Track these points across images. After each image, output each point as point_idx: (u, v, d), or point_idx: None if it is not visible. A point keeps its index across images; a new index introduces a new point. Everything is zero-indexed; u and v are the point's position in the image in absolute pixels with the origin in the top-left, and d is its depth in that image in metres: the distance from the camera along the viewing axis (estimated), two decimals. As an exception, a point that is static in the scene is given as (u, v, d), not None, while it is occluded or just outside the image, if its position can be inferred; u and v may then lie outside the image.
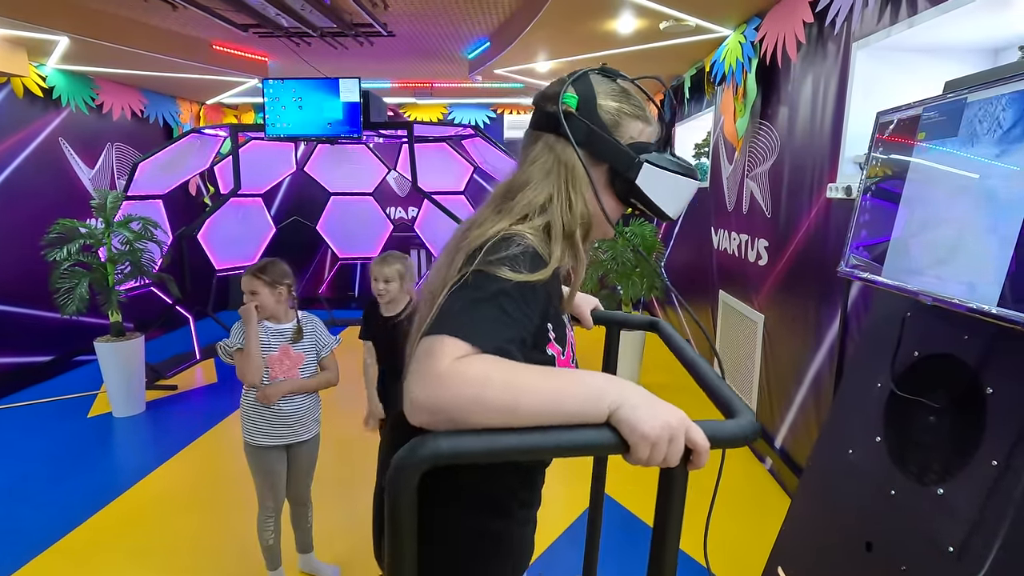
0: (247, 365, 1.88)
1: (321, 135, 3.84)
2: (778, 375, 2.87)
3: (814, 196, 2.50)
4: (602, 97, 0.77)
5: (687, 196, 0.81)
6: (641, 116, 0.80)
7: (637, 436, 0.56)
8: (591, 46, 3.77)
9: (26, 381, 4.15)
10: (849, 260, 1.34)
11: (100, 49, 3.73)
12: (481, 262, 0.66)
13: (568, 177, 0.76)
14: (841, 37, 2.28)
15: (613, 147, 0.76)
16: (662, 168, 0.77)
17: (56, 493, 2.75)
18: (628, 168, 0.76)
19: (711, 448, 0.60)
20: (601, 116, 0.76)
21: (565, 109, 0.75)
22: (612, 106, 0.77)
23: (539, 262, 0.70)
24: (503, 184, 0.81)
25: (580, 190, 0.76)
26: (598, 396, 0.58)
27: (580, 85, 0.77)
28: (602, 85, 0.78)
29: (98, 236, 3.55)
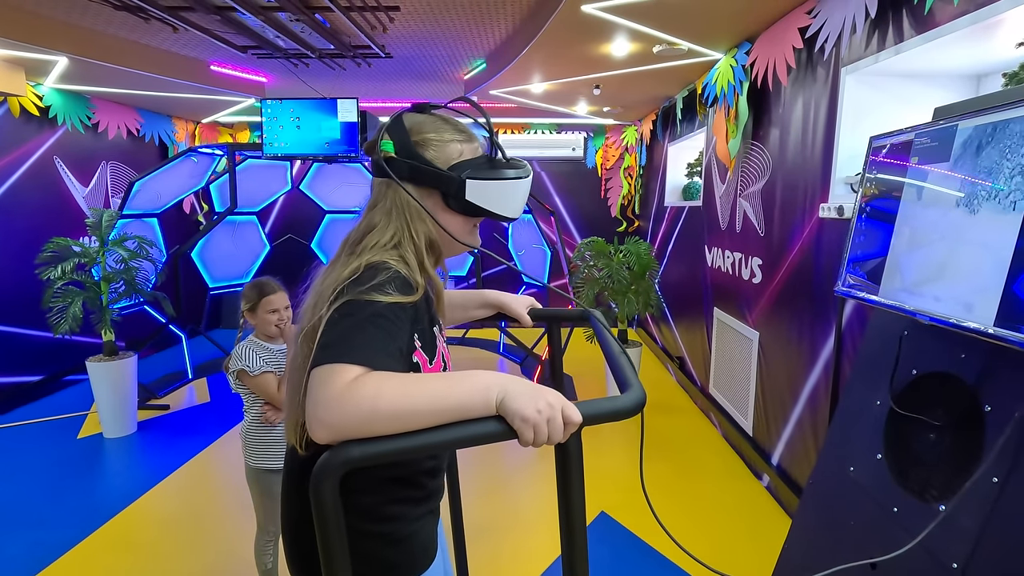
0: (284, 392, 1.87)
1: (319, 154, 3.87)
2: (774, 392, 2.89)
3: (807, 215, 2.55)
4: (415, 134, 0.86)
5: (521, 195, 0.89)
6: (458, 139, 0.87)
7: (519, 421, 0.63)
8: (586, 68, 3.84)
9: (15, 401, 4.09)
10: (846, 280, 1.37)
11: (98, 69, 3.75)
12: (351, 293, 0.74)
13: (406, 213, 0.85)
14: (830, 62, 2.35)
15: (435, 175, 0.85)
16: (485, 179, 0.85)
17: (46, 516, 2.69)
18: (455, 188, 0.84)
19: (598, 422, 0.68)
20: (419, 151, 0.85)
21: (385, 156, 0.85)
22: (427, 138, 0.86)
23: (406, 285, 0.80)
24: (351, 233, 0.89)
25: (421, 221, 0.85)
26: (484, 389, 0.66)
27: (394, 130, 0.86)
28: (415, 122, 0.87)
29: (92, 255, 3.53)
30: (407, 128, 0.86)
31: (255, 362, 1.87)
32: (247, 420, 1.95)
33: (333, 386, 0.65)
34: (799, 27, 2.48)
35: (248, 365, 1.86)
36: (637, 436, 3.67)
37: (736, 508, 2.76)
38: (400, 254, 0.83)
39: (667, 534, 0.98)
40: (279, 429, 1.91)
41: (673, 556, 2.36)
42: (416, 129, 0.86)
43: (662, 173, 5.32)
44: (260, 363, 1.87)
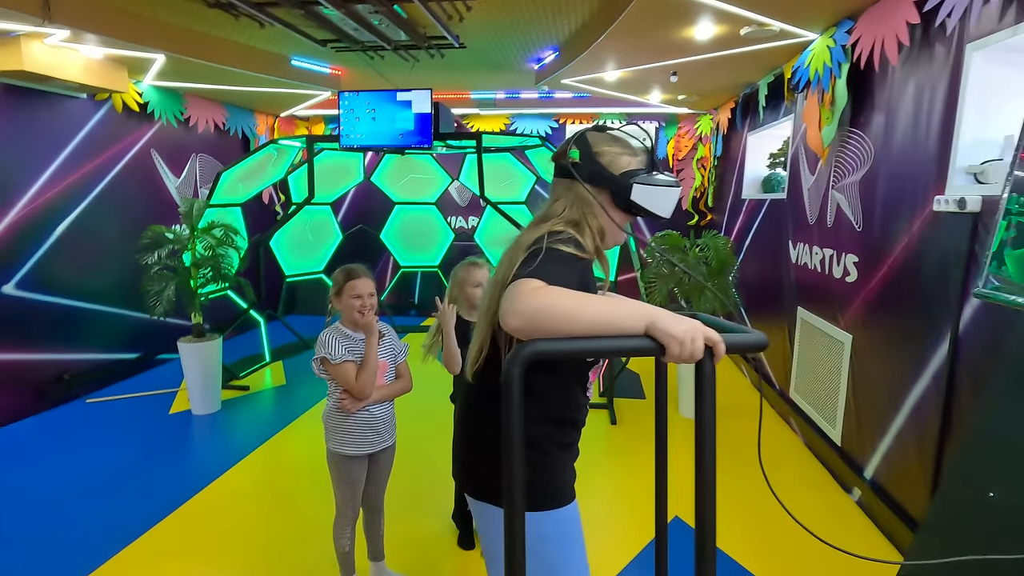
0: (368, 377, 1.89)
1: (393, 145, 3.92)
2: (869, 400, 2.67)
3: (917, 209, 2.32)
4: (596, 146, 1.11)
5: (672, 200, 1.11)
6: (627, 152, 1.11)
7: (669, 337, 0.80)
8: (664, 54, 3.68)
9: (115, 376, 4.42)
10: (989, 279, 1.21)
11: (191, 66, 3.96)
12: (542, 244, 1.01)
13: (583, 206, 1.11)
14: (952, 38, 2.11)
15: (610, 178, 1.09)
16: (648, 185, 1.08)
17: (144, 486, 2.89)
18: (624, 189, 1.09)
19: (728, 352, 0.84)
20: (598, 159, 1.10)
21: (572, 161, 1.11)
22: (604, 151, 1.11)
23: (580, 248, 1.06)
24: (536, 215, 1.16)
25: (593, 212, 1.11)
26: (639, 313, 0.84)
27: (580, 142, 1.11)
28: (595, 138, 1.12)
29: (184, 241, 3.75)
30: (589, 141, 1.11)
31: (337, 350, 1.88)
32: (328, 405, 1.99)
33: (525, 287, 0.88)
34: (915, 0, 2.24)
35: (330, 353, 1.89)
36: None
37: (823, 522, 2.58)
38: (578, 231, 1.09)
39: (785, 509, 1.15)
40: (359, 416, 1.94)
41: (745, 560, 2.23)
42: (595, 142, 1.11)
43: (740, 164, 5.05)
44: (342, 351, 1.88)
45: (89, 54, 3.62)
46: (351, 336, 1.94)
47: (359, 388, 1.88)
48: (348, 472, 1.98)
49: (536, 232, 1.06)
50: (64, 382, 3.99)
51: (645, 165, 1.11)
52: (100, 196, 4.30)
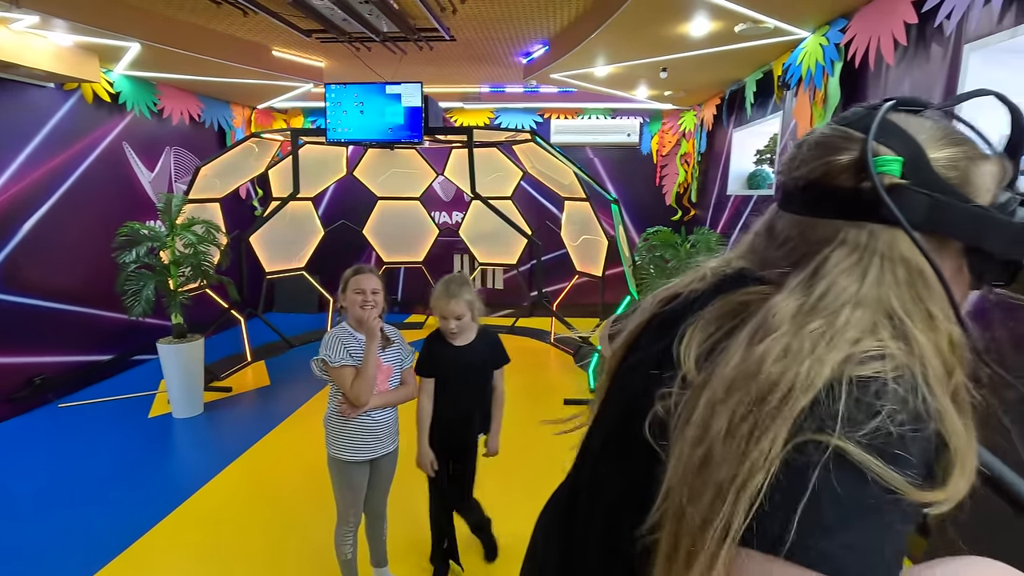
0: (363, 384, 1.82)
1: (382, 140, 3.83)
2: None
3: (912, 207, 2.35)
4: (933, 145, 0.50)
5: None
6: (986, 155, 0.52)
7: None
8: (655, 50, 3.68)
9: (89, 379, 4.24)
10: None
11: (166, 55, 3.79)
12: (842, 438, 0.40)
13: (915, 282, 0.48)
14: (950, 39, 2.14)
15: (975, 216, 0.50)
16: None
17: (127, 495, 2.77)
18: (1011, 243, 0.50)
19: None
20: (943, 175, 0.49)
21: (890, 180, 0.48)
22: (952, 154, 0.50)
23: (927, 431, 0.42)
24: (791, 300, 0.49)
25: (939, 301, 0.48)
26: None
27: (893, 136, 0.50)
28: (921, 123, 0.51)
29: (162, 239, 3.60)
30: (916, 138, 0.50)
31: (338, 352, 1.84)
32: (329, 408, 1.94)
33: None
34: (913, 0, 2.27)
35: (330, 355, 1.84)
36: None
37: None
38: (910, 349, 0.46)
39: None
40: (359, 421, 1.89)
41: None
42: (931, 138, 0.50)
43: (725, 160, 5.10)
44: (342, 354, 1.84)
45: (58, 41, 3.43)
46: (355, 337, 1.89)
47: (354, 394, 1.82)
48: (348, 478, 1.93)
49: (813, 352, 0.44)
50: (35, 386, 3.81)
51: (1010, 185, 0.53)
52: (70, 191, 4.10)
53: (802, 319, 0.47)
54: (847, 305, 0.47)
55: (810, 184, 0.54)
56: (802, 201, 0.55)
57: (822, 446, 0.40)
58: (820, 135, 0.54)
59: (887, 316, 0.47)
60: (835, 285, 0.48)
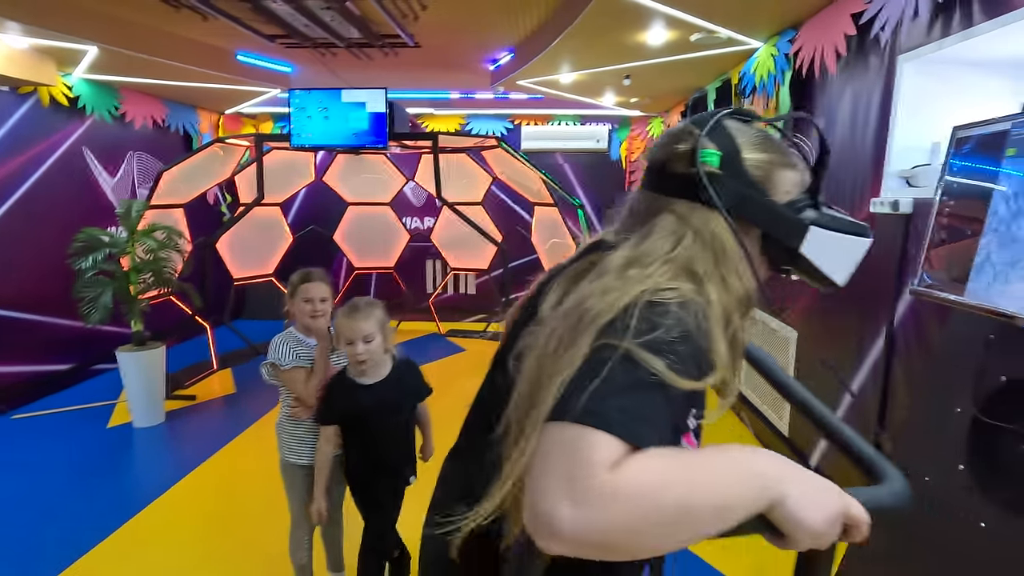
0: (315, 385, 1.79)
1: (346, 145, 3.83)
2: (814, 392, 2.80)
3: (855, 211, 2.45)
4: (748, 148, 0.64)
5: (859, 258, 0.69)
6: (790, 164, 0.67)
7: (801, 535, 0.51)
8: (618, 57, 3.75)
9: (46, 389, 4.13)
10: (922, 278, 1.29)
11: (127, 59, 3.74)
12: (630, 341, 0.52)
13: (716, 251, 0.62)
14: (886, 50, 2.24)
15: (770, 209, 0.64)
16: (832, 230, 0.65)
17: (81, 506, 2.71)
18: (789, 234, 0.65)
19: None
20: (753, 174, 0.64)
21: (707, 170, 0.62)
22: (761, 158, 0.64)
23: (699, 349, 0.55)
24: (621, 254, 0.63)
25: (734, 267, 0.62)
26: (760, 493, 0.50)
27: (718, 136, 0.64)
28: (744, 131, 0.66)
29: (122, 245, 3.54)
30: (736, 139, 0.64)
31: (287, 356, 1.83)
32: (281, 414, 1.93)
33: (595, 473, 0.46)
34: (852, 12, 2.37)
35: (279, 358, 1.83)
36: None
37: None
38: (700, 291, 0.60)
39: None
40: (311, 424, 1.86)
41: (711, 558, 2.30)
42: (748, 144, 0.65)
43: (690, 166, 5.21)
44: (291, 357, 1.82)
45: (12, 43, 3.36)
46: (303, 341, 1.88)
47: (306, 394, 1.80)
48: (301, 482, 1.91)
49: (623, 289, 0.57)
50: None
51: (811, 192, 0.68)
52: (26, 197, 4.00)
53: (624, 267, 0.61)
54: (658, 260, 0.61)
55: (658, 166, 0.68)
56: (651, 179, 0.70)
57: (613, 347, 0.52)
58: (675, 127, 0.69)
59: (689, 274, 0.61)
60: (655, 245, 0.63)
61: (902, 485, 0.58)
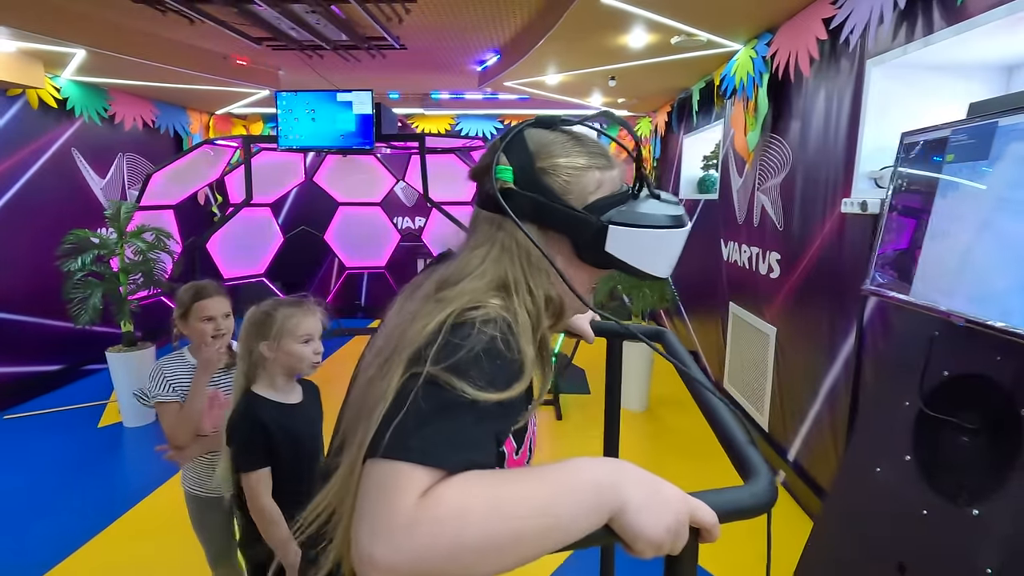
0: (185, 424, 1.50)
1: (334, 147, 3.87)
2: (791, 388, 2.87)
3: (828, 210, 2.51)
4: (543, 157, 0.65)
5: (676, 248, 0.68)
6: (597, 164, 0.67)
7: (642, 545, 0.50)
8: (602, 59, 3.80)
9: (36, 390, 4.16)
10: (874, 278, 1.35)
11: (116, 61, 3.77)
12: (432, 367, 0.54)
13: (522, 260, 0.64)
14: (855, 54, 2.30)
15: (567, 215, 0.65)
16: (636, 226, 0.65)
17: (71, 504, 2.74)
18: (592, 236, 0.65)
19: (722, 523, 0.54)
20: (546, 180, 0.65)
21: (502, 186, 0.64)
22: (558, 164, 0.65)
23: (505, 358, 0.57)
24: (436, 276, 0.66)
25: (540, 273, 0.65)
26: (596, 506, 0.49)
27: (514, 151, 0.65)
28: (542, 140, 0.67)
29: (111, 246, 3.57)
30: (531, 150, 0.65)
31: (160, 386, 1.53)
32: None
33: (400, 500, 0.47)
34: (823, 17, 2.43)
35: (151, 387, 1.54)
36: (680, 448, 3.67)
37: (751, 504, 2.75)
38: (507, 305, 0.62)
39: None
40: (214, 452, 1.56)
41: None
42: (544, 151, 0.66)
43: (677, 165, 5.27)
44: (165, 388, 1.53)
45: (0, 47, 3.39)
46: (194, 366, 1.57)
47: (171, 434, 1.52)
48: (202, 516, 1.64)
49: (432, 314, 0.59)
50: (-23, 398, 3.73)
51: (623, 186, 0.69)
52: (15, 199, 4.02)
53: (437, 288, 0.64)
54: (468, 276, 0.64)
55: (474, 179, 0.71)
56: (475, 195, 0.72)
57: (418, 375, 0.54)
58: (492, 142, 0.70)
59: (499, 286, 0.64)
60: (465, 261, 0.66)
61: (763, 485, 0.58)
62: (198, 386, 1.50)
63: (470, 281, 0.63)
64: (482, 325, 0.58)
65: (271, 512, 1.34)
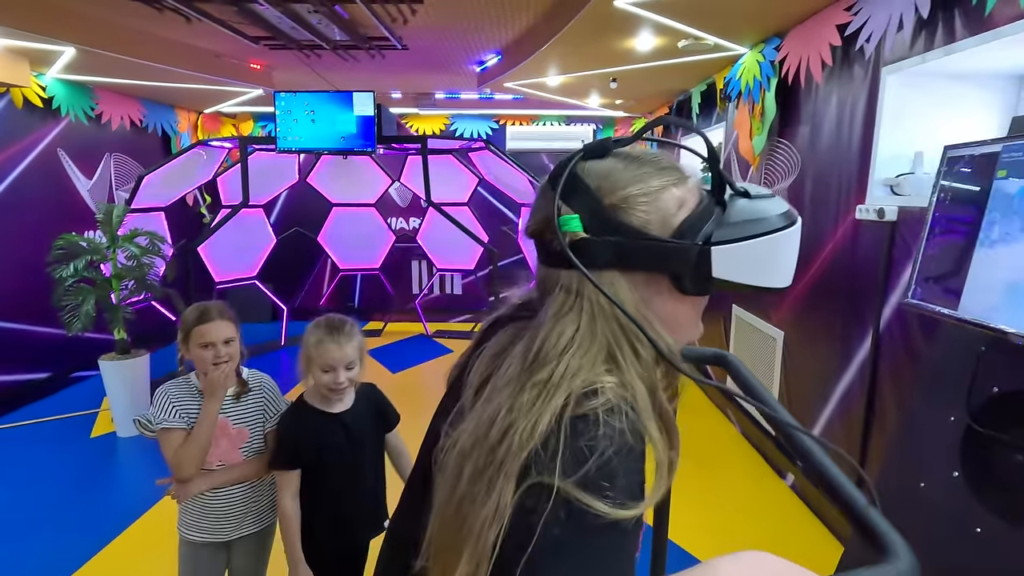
0: (192, 454, 1.40)
1: (335, 149, 3.79)
2: (800, 392, 2.88)
3: (840, 216, 2.52)
4: (609, 192, 0.55)
5: (793, 250, 0.59)
6: (672, 180, 0.57)
7: None
8: (605, 62, 3.78)
9: (25, 399, 4.02)
10: (916, 290, 1.35)
11: (104, 59, 3.65)
12: (562, 482, 0.45)
13: (620, 322, 0.54)
14: (870, 61, 2.30)
15: (657, 250, 0.55)
16: (740, 240, 0.55)
17: (70, 519, 2.65)
18: (692, 265, 0.55)
19: None
20: (621, 218, 0.55)
21: (571, 239, 0.54)
22: (630, 196, 0.55)
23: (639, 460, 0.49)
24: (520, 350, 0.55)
25: (629, 328, 0.54)
26: None
27: (574, 192, 0.55)
28: (600, 172, 0.57)
29: (102, 251, 3.46)
30: (592, 187, 0.56)
31: (166, 412, 1.43)
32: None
33: None
34: (838, 24, 2.43)
35: (154, 414, 1.43)
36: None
37: (760, 507, 2.76)
38: (621, 380, 0.53)
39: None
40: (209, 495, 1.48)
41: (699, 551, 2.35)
42: (607, 184, 0.56)
43: (674, 167, 5.27)
44: (170, 413, 1.43)
45: (-16, 44, 3.25)
46: (198, 396, 1.48)
47: (175, 464, 1.42)
48: (194, 564, 1.54)
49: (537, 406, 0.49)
50: (-38, 409, 3.59)
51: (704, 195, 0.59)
52: (-1, 201, 3.88)
53: (528, 369, 0.52)
54: (567, 351, 0.52)
55: (533, 236, 0.60)
56: (538, 252, 0.61)
57: (544, 491, 0.45)
58: (540, 189, 0.60)
59: (605, 352, 0.53)
60: (556, 331, 0.54)
61: (908, 564, 0.51)
62: (208, 412, 1.42)
63: (573, 357, 0.52)
64: (607, 417, 0.49)
65: (287, 511, 1.43)
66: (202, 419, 1.41)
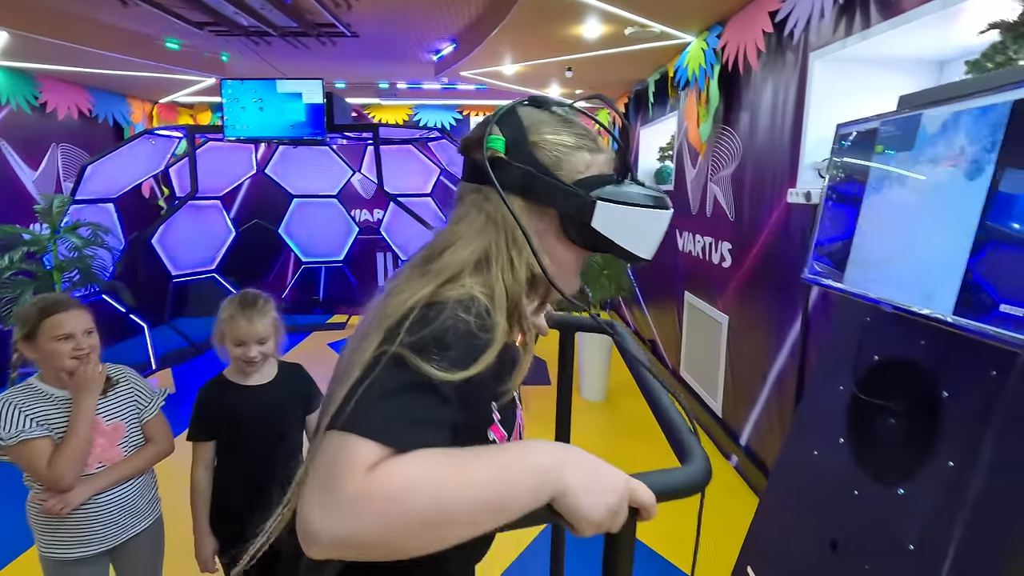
0: (73, 458, 1.27)
1: (283, 137, 3.74)
2: (743, 374, 2.94)
3: (775, 201, 2.57)
4: (535, 132, 0.66)
5: (659, 231, 0.69)
6: (587, 146, 0.69)
7: (583, 524, 0.52)
8: (557, 50, 3.79)
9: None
10: (812, 266, 1.38)
11: (44, 45, 3.54)
12: (401, 343, 0.54)
13: (507, 233, 0.65)
14: (799, 47, 2.35)
15: (557, 189, 0.65)
16: (623, 204, 0.66)
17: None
18: (579, 211, 0.66)
19: (659, 502, 0.56)
20: (538, 155, 0.66)
21: (491, 155, 0.64)
22: (550, 140, 0.66)
23: (474, 341, 0.57)
24: (424, 247, 0.69)
25: (525, 249, 0.65)
26: (539, 486, 0.51)
27: (507, 123, 0.66)
28: (535, 118, 0.68)
29: (43, 243, 3.37)
30: (524, 124, 0.66)
31: (16, 422, 1.26)
32: (30, 495, 1.37)
33: (349, 476, 0.47)
34: (769, 11, 2.47)
35: (1, 427, 1.25)
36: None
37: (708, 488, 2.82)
38: (487, 281, 0.63)
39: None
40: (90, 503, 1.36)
41: (654, 543, 2.40)
42: (535, 127, 0.67)
43: (635, 157, 5.32)
44: (24, 423, 1.26)
45: (-92, 28, 3.13)
46: (51, 396, 1.33)
47: (55, 475, 1.26)
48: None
49: (414, 288, 0.61)
50: None
51: (613, 169, 0.70)
52: (-66, 192, 3.75)
53: (422, 263, 0.66)
54: (451, 247, 0.65)
55: (463, 152, 0.71)
56: (462, 168, 0.72)
57: (387, 352, 0.55)
58: (485, 118, 0.70)
59: (481, 253, 0.65)
60: (449, 232, 0.67)
61: (698, 467, 0.62)
62: (84, 409, 1.29)
63: (452, 252, 0.64)
64: (455, 305, 0.59)
65: (200, 482, 1.48)
66: (78, 418, 1.29)
